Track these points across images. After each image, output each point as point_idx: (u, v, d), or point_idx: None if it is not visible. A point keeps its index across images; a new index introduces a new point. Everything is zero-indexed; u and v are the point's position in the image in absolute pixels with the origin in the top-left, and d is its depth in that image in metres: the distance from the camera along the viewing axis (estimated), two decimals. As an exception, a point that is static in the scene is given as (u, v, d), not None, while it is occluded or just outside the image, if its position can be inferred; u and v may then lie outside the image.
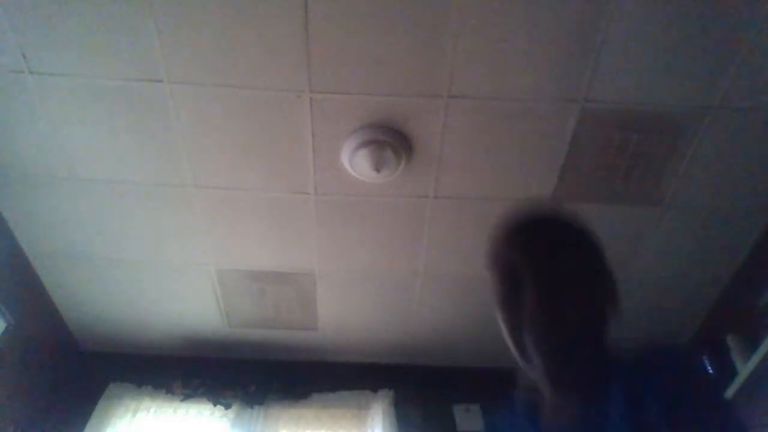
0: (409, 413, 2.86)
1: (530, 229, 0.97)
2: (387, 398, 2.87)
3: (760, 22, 1.75)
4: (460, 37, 1.80)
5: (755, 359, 2.15)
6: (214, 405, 2.84)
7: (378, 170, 2.07)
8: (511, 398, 1.09)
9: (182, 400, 2.85)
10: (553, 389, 0.95)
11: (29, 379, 2.70)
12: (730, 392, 2.25)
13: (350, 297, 2.75)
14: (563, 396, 0.94)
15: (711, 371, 1.00)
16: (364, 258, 2.55)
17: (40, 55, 1.87)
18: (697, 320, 2.75)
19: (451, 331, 2.92)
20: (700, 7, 1.73)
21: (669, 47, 1.82)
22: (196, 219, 2.39)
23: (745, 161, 2.12)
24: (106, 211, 2.37)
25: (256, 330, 2.94)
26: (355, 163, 2.10)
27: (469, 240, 2.43)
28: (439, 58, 1.85)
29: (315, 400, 2.90)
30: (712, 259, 2.48)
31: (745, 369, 2.20)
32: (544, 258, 0.91)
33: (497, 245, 0.98)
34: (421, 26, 1.79)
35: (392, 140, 2.04)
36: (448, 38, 1.81)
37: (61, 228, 2.44)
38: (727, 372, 2.30)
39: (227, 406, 2.84)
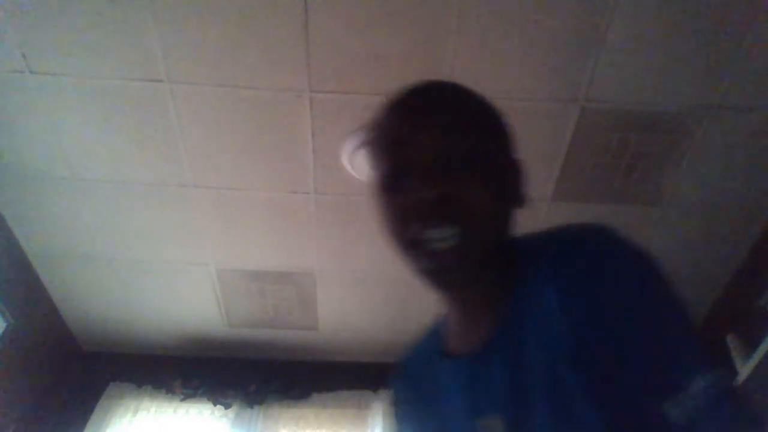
0: (409, 413, 2.86)
1: (419, 97, 0.76)
2: (387, 398, 2.86)
3: (759, 22, 1.75)
4: (460, 37, 1.81)
5: (755, 359, 2.15)
6: (214, 405, 2.84)
7: (378, 170, 2.07)
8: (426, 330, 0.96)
9: (182, 400, 2.85)
10: (446, 296, 0.81)
11: (29, 379, 2.70)
12: (730, 392, 2.25)
13: (350, 297, 2.75)
14: (462, 311, 0.81)
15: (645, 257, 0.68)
16: (364, 258, 2.55)
17: (40, 55, 1.87)
18: (697, 320, 2.75)
19: (451, 331, 2.92)
20: (699, 7, 1.73)
21: (669, 47, 1.82)
22: (196, 219, 2.39)
23: (745, 161, 2.12)
24: (106, 211, 2.37)
25: (256, 330, 2.94)
26: (355, 163, 2.10)
27: (469, 240, 2.43)
28: (439, 58, 1.85)
29: (315, 400, 2.90)
30: (712, 259, 2.48)
31: (745, 369, 2.20)
32: (435, 132, 0.71)
33: (378, 118, 0.77)
34: (421, 26, 1.79)
35: (392, 140, 2.03)
36: (449, 38, 1.81)
37: (61, 228, 2.44)
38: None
39: (227, 406, 2.84)
